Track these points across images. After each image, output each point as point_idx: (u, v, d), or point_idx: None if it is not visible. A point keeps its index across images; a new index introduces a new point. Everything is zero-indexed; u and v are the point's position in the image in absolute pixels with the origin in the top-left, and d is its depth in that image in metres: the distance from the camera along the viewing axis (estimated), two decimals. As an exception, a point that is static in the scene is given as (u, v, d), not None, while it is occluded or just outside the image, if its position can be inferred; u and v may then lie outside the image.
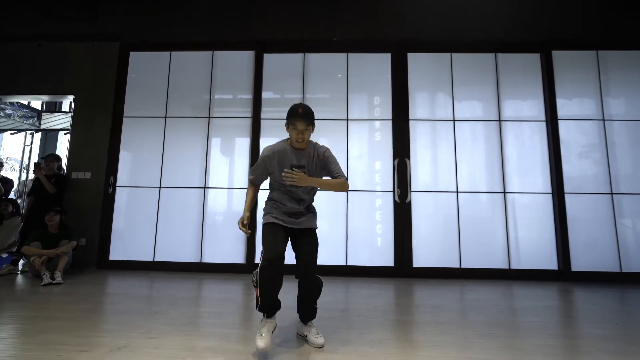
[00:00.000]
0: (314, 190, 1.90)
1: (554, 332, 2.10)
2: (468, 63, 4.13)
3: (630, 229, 3.73)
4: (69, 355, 1.62)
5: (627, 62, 3.99)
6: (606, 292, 3.14)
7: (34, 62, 4.33)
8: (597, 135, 3.91)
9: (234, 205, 4.04)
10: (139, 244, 3.96)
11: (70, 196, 4.04)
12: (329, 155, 1.87)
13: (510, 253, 3.76)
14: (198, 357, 1.62)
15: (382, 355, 1.69)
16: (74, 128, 4.23)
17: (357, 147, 4.05)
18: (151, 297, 2.81)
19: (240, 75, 4.23)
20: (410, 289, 3.20)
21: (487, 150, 3.98)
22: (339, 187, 1.86)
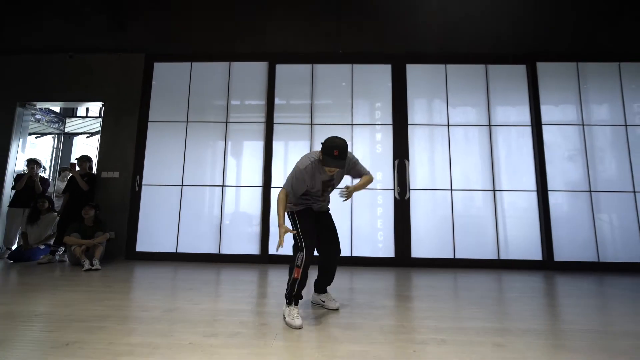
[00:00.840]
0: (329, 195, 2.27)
1: (535, 303, 2.49)
2: (461, 73, 4.55)
3: (607, 223, 4.13)
4: (135, 314, 2.02)
5: (604, 72, 4.42)
6: (583, 278, 3.54)
7: (66, 72, 4.75)
8: (577, 139, 4.33)
9: (248, 201, 4.44)
10: (163, 237, 4.36)
11: (100, 194, 4.45)
12: (355, 161, 2.15)
13: (499, 245, 4.16)
14: (233, 315, 2.03)
15: (386, 316, 2.09)
16: (103, 131, 4.64)
17: (361, 149, 4.46)
18: (182, 279, 3.20)
19: (255, 83, 4.65)
20: (408, 275, 3.60)
21: (479, 152, 4.39)
22: (369, 182, 2.19)
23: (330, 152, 1.87)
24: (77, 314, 2.00)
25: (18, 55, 4.81)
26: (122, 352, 1.48)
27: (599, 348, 1.62)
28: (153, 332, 1.73)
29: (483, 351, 1.55)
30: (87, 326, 1.80)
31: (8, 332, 1.70)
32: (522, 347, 1.61)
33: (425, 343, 1.65)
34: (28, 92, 4.76)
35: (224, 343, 1.60)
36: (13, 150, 4.71)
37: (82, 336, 1.65)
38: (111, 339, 1.62)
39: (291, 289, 1.97)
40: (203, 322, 1.92)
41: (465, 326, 1.92)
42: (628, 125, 4.31)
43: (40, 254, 4.15)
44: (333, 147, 1.87)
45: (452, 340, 1.68)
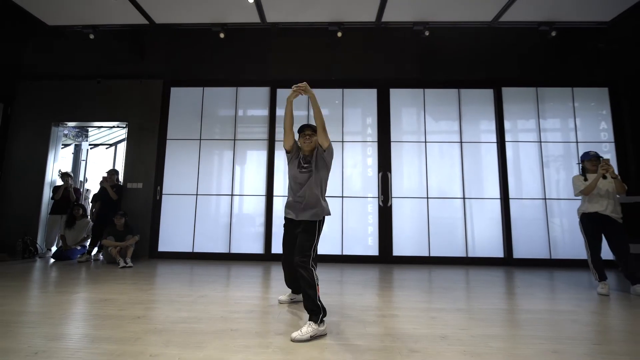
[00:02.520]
0: None
1: (496, 289, 3.22)
2: (437, 96, 5.27)
3: (559, 226, 4.87)
4: (176, 299, 2.75)
5: (559, 96, 5.14)
6: (537, 272, 4.27)
7: (94, 95, 5.46)
8: (535, 153, 5.05)
9: (253, 208, 5.16)
10: (180, 239, 5.09)
11: (126, 202, 5.17)
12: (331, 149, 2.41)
13: (467, 244, 4.90)
14: (248, 300, 2.76)
15: (369, 296, 2.82)
16: (128, 147, 5.36)
17: (351, 162, 5.18)
18: (202, 274, 3.92)
19: (258, 104, 5.36)
20: (390, 270, 4.33)
21: (451, 165, 5.11)
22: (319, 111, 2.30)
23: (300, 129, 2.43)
24: (134, 299, 2.73)
25: (52, 80, 5.51)
26: (178, 320, 2.21)
27: (500, 320, 2.35)
28: (194, 310, 2.46)
29: (421, 321, 2.29)
30: (146, 306, 2.53)
31: (92, 311, 2.42)
32: (448, 319, 2.34)
33: (383, 316, 2.38)
34: (61, 112, 5.47)
35: (244, 317, 2.33)
36: (49, 163, 5.43)
37: (145, 312, 2.39)
38: (166, 314, 2.35)
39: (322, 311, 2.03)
40: (227, 303, 2.65)
41: (416, 307, 2.65)
42: (579, 142, 5.03)
43: (77, 254, 4.89)
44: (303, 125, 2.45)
45: (402, 315, 2.42)
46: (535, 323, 2.28)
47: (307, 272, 2.10)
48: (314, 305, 2.03)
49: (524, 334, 2.07)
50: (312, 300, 2.04)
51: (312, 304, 2.03)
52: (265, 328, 2.12)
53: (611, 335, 2.13)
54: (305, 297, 2.07)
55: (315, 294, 2.05)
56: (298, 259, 2.15)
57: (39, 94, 5.49)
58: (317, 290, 2.07)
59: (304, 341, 1.88)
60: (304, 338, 1.89)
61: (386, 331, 2.08)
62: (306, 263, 2.13)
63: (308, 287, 2.06)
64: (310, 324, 1.96)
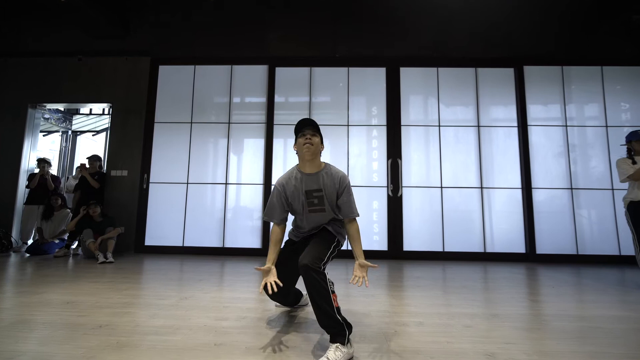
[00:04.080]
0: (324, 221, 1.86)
1: (526, 289, 2.78)
2: (452, 76, 4.78)
3: (586, 219, 4.42)
4: (154, 301, 2.30)
5: (586, 76, 4.66)
6: (563, 269, 3.83)
7: (75, 74, 4.97)
8: (560, 138, 4.58)
9: (250, 198, 4.70)
10: (170, 232, 4.63)
11: (110, 191, 4.70)
12: (346, 185, 1.79)
13: (485, 239, 4.45)
14: (240, 303, 2.31)
15: (383, 297, 2.37)
16: (112, 132, 4.88)
17: (357, 148, 4.71)
18: (191, 271, 3.47)
19: (255, 85, 4.88)
20: (400, 267, 3.89)
21: (468, 151, 4.65)
22: (358, 234, 1.79)
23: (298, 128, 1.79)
24: (102, 302, 2.28)
25: (29, 58, 5.01)
26: (148, 332, 1.76)
27: (552, 330, 1.90)
28: (173, 316, 2.00)
29: (453, 332, 1.83)
30: (114, 312, 2.08)
31: (48, 316, 1.97)
32: (486, 329, 1.89)
33: (406, 325, 1.93)
34: (39, 94, 4.98)
35: (233, 325, 1.87)
36: (25, 149, 4.95)
37: (111, 319, 1.93)
38: (137, 322, 1.89)
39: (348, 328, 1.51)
40: (215, 307, 2.20)
41: (441, 312, 2.20)
42: (608, 127, 4.56)
43: (55, 248, 4.43)
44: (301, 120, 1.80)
45: (429, 323, 1.97)
46: (591, 333, 1.83)
47: (319, 276, 1.52)
48: (333, 322, 1.48)
49: (587, 350, 1.62)
50: (328, 316, 1.48)
51: (330, 321, 1.49)
52: (259, 341, 1.66)
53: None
54: (320, 312, 1.50)
55: (332, 305, 1.49)
56: (308, 261, 1.55)
57: (13, 72, 5.00)
58: (334, 301, 1.51)
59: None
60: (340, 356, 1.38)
61: (414, 346, 1.63)
62: (317, 265, 1.55)
63: (321, 297, 1.49)
64: (337, 347, 1.43)
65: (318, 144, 1.76)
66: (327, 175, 1.78)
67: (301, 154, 1.76)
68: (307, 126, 1.76)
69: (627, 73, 4.66)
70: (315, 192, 1.77)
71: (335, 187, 1.77)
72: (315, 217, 1.83)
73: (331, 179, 1.78)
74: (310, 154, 1.73)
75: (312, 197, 1.79)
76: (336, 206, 1.81)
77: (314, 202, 1.79)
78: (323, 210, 1.80)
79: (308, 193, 1.78)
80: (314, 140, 1.73)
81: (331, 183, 1.77)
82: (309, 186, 1.77)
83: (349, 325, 1.53)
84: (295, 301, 2.12)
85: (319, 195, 1.77)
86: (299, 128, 1.79)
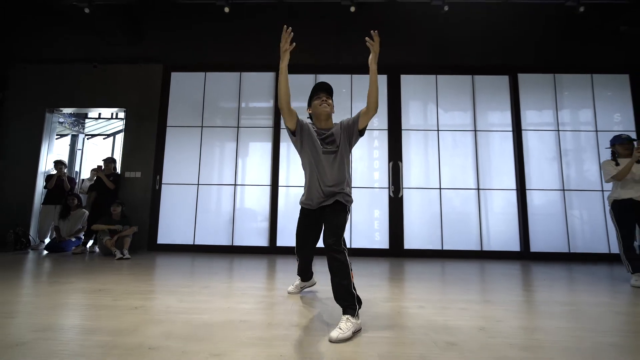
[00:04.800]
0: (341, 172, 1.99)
1: (520, 282, 2.99)
2: (450, 83, 5.04)
3: (578, 218, 4.65)
4: (177, 289, 2.51)
5: (577, 83, 4.92)
6: (556, 265, 4.05)
7: (91, 80, 5.21)
8: (553, 142, 4.83)
9: (257, 199, 4.92)
10: (181, 230, 4.85)
11: (124, 192, 4.92)
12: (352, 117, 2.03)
13: (482, 237, 4.67)
14: (254, 290, 2.53)
15: (387, 288, 2.59)
16: (126, 135, 5.11)
17: (359, 152, 4.94)
18: (204, 266, 3.68)
19: (263, 90, 5.12)
20: (401, 264, 4.10)
21: (465, 154, 4.89)
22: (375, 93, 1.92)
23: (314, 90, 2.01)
24: (131, 289, 2.50)
25: (47, 65, 5.26)
26: (180, 312, 1.97)
27: (539, 312, 2.13)
28: (197, 301, 2.22)
29: (451, 313, 2.05)
30: (144, 297, 2.30)
31: (86, 301, 2.19)
32: (479, 310, 2.11)
33: (408, 307, 2.15)
34: (56, 99, 5.22)
35: (253, 308, 2.09)
36: (43, 152, 5.17)
37: (144, 303, 2.15)
38: (167, 305, 2.11)
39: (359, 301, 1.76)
40: (233, 294, 2.42)
41: (439, 298, 2.42)
42: (598, 131, 4.81)
43: (72, 246, 4.64)
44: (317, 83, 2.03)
45: (428, 306, 2.19)
46: (576, 315, 2.06)
47: (341, 256, 1.75)
48: (349, 295, 1.72)
49: (567, 326, 1.84)
50: (346, 289, 1.72)
51: (347, 294, 1.72)
52: (278, 319, 1.88)
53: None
54: (339, 287, 1.74)
55: (350, 281, 1.74)
56: (331, 240, 1.78)
57: (32, 78, 5.23)
58: (351, 277, 1.76)
59: (346, 340, 1.56)
60: (347, 336, 1.56)
61: (415, 323, 1.85)
62: (339, 245, 1.78)
63: (342, 274, 1.74)
64: (348, 318, 1.64)
65: (332, 106, 2.03)
66: (338, 126, 2.03)
67: (317, 114, 2.00)
68: (323, 90, 2.02)
69: (616, 80, 4.92)
70: (329, 137, 1.98)
71: (349, 123, 2.00)
72: (327, 162, 1.95)
73: (343, 125, 2.01)
74: (326, 113, 1.98)
75: (326, 142, 1.98)
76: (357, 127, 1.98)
77: (327, 145, 1.97)
78: (336, 151, 1.97)
79: (322, 139, 1.98)
80: (329, 102, 2.00)
81: (344, 125, 2.00)
82: (323, 134, 1.99)
83: (359, 300, 1.76)
84: (308, 277, 2.41)
85: (332, 140, 1.97)
86: (316, 91, 2.01)
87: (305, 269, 2.39)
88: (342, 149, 1.99)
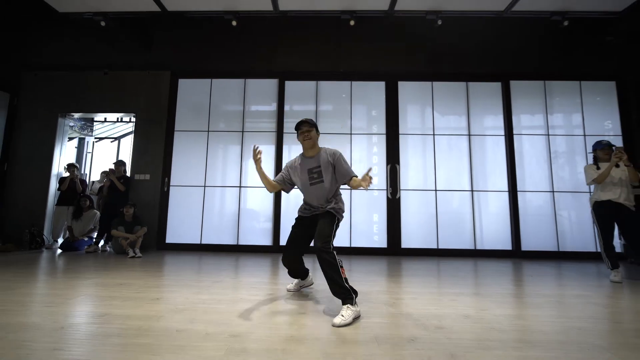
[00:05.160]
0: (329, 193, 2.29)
1: (509, 277, 3.22)
2: (445, 89, 5.27)
3: (566, 219, 4.88)
4: (192, 284, 2.74)
5: (566, 90, 5.16)
6: (545, 263, 4.27)
7: (102, 87, 5.44)
8: (543, 146, 5.07)
9: (261, 200, 5.14)
10: (188, 230, 5.07)
11: (134, 193, 5.15)
12: (340, 156, 2.28)
13: (475, 237, 4.90)
14: (263, 284, 2.75)
15: (383, 282, 2.82)
16: (135, 139, 5.33)
17: (358, 155, 5.18)
18: (213, 264, 3.90)
19: (267, 96, 5.36)
20: (398, 261, 4.33)
21: (460, 157, 5.12)
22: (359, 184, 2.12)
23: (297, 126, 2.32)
24: (150, 283, 2.72)
25: (58, 71, 5.48)
26: (198, 302, 2.20)
27: (522, 303, 2.36)
28: (213, 292, 2.45)
29: (441, 303, 2.28)
30: (163, 289, 2.52)
31: (110, 293, 2.41)
32: (467, 302, 2.34)
33: (403, 298, 2.38)
34: (68, 104, 5.44)
35: (266, 298, 2.32)
36: (56, 155, 5.40)
37: (163, 295, 2.37)
38: (186, 296, 2.34)
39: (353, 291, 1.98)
40: (244, 288, 2.64)
41: (432, 291, 2.65)
42: (587, 135, 5.05)
43: (84, 245, 4.87)
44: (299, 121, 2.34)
45: (421, 298, 2.42)
46: (554, 305, 2.29)
47: (329, 256, 2.00)
48: (343, 289, 1.95)
49: (545, 314, 2.07)
50: (339, 284, 1.96)
51: (339, 288, 1.95)
52: (286, 308, 2.11)
53: (630, 315, 2.13)
54: (332, 282, 1.98)
55: (341, 276, 1.97)
56: (319, 244, 2.05)
57: (45, 84, 5.46)
58: (342, 273, 1.99)
59: (348, 325, 1.79)
60: (348, 322, 1.79)
61: (408, 311, 2.08)
62: (327, 247, 2.03)
63: (332, 271, 1.98)
64: (348, 307, 1.87)
65: (314, 136, 2.31)
66: (323, 154, 2.31)
67: (303, 147, 2.36)
68: (304, 124, 2.31)
69: (605, 87, 5.16)
70: (315, 168, 2.29)
71: (329, 160, 2.27)
72: (316, 190, 2.28)
73: (326, 156, 2.29)
74: (310, 145, 2.31)
75: (313, 173, 2.30)
76: (334, 177, 2.26)
77: (314, 177, 2.30)
78: (322, 181, 2.27)
79: (309, 171, 2.30)
80: (310, 134, 2.28)
81: (326, 158, 2.28)
82: (310, 165, 2.30)
83: (354, 291, 1.98)
84: (304, 274, 2.56)
85: (318, 171, 2.28)
86: (298, 126, 2.33)
87: (295, 273, 2.53)
88: (328, 178, 2.27)
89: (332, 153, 2.29)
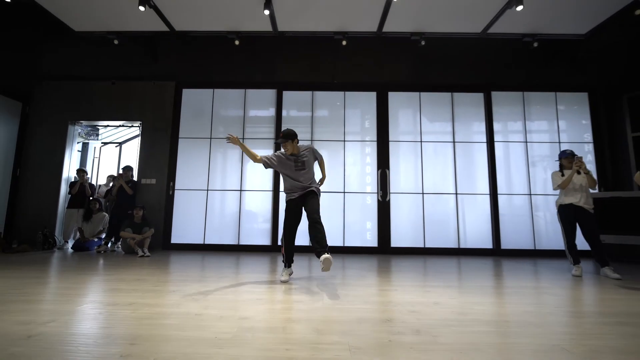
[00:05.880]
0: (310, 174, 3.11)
1: (485, 273, 3.61)
2: (432, 99, 5.67)
3: (542, 219, 5.30)
4: (202, 278, 3.10)
5: (544, 100, 5.57)
6: (522, 260, 4.68)
7: (109, 96, 5.77)
8: (521, 152, 5.48)
9: (261, 202, 5.51)
10: (192, 231, 5.42)
11: (141, 197, 5.49)
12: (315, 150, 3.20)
13: (459, 236, 5.30)
14: (264, 278, 3.12)
15: (371, 278, 3.19)
16: (142, 146, 5.67)
17: (352, 160, 5.55)
18: (216, 261, 4.26)
19: (266, 103, 5.72)
20: (388, 260, 4.71)
21: (445, 163, 5.52)
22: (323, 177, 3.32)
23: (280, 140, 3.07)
24: (163, 278, 3.08)
25: (68, 81, 5.81)
26: (210, 292, 2.56)
27: (497, 293, 2.74)
28: (222, 285, 2.81)
29: (417, 293, 2.67)
30: (177, 282, 2.88)
31: (130, 286, 2.76)
32: (440, 292, 2.72)
33: (389, 290, 2.76)
34: (77, 112, 5.77)
35: (272, 289, 2.69)
36: (66, 161, 5.72)
37: (178, 288, 2.73)
38: (198, 289, 2.70)
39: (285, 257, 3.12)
40: (248, 280, 3.01)
41: (417, 284, 3.03)
42: (562, 143, 5.47)
43: (95, 245, 5.20)
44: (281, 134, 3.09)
45: (407, 290, 2.79)
46: (514, 294, 2.68)
47: (321, 225, 2.87)
48: (326, 243, 2.79)
49: (506, 301, 2.45)
50: (325, 241, 2.80)
51: (324, 242, 2.79)
52: (285, 297, 2.48)
53: (582, 301, 2.52)
54: (322, 239, 2.79)
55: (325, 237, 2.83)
56: (315, 215, 2.88)
57: (56, 94, 5.78)
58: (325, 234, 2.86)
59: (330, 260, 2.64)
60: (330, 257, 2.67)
61: (387, 299, 2.46)
62: (319, 217, 2.90)
63: (323, 233, 2.82)
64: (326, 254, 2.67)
65: (291, 145, 3.05)
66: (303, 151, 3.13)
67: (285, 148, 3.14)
68: (283, 138, 3.05)
69: (578, 97, 5.58)
70: (300, 160, 3.09)
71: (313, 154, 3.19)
72: (301, 174, 3.07)
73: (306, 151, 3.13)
74: (288, 151, 3.09)
75: (298, 162, 3.09)
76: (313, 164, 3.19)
77: (299, 165, 3.08)
78: (304, 168, 3.08)
79: (295, 161, 3.08)
80: (286, 146, 3.06)
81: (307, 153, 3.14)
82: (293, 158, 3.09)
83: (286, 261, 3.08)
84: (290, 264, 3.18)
85: (302, 161, 3.09)
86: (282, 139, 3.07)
87: (291, 253, 3.14)
88: (309, 166, 3.11)
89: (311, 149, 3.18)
